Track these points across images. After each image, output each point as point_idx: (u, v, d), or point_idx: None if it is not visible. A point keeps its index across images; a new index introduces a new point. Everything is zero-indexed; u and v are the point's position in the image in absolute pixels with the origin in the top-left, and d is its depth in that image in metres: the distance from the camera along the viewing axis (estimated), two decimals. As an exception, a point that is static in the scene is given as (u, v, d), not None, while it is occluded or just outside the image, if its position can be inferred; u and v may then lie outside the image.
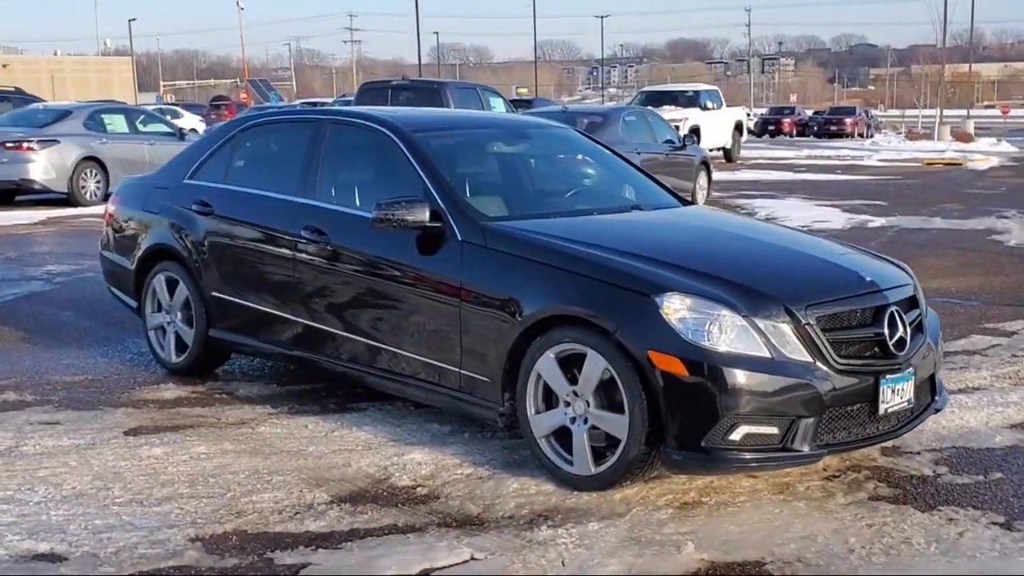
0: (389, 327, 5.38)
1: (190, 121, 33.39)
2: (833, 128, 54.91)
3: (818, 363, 4.35)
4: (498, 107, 17.30)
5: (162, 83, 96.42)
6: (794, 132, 56.03)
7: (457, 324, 5.00)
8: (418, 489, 4.72)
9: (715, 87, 31.94)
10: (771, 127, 55.09)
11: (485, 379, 4.93)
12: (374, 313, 5.44)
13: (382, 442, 5.33)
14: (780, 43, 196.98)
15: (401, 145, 5.53)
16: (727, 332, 4.30)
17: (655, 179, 6.27)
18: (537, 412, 4.76)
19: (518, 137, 6.39)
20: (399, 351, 5.34)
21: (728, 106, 31.50)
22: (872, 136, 52.17)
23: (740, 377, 4.23)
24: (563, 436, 4.69)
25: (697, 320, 4.32)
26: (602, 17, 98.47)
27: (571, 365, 4.61)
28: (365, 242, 5.46)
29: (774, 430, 4.30)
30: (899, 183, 22.57)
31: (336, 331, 5.64)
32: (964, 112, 57.76)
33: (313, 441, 5.35)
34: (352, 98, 32.07)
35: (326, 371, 5.89)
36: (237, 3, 65.15)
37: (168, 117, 24.36)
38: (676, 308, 4.35)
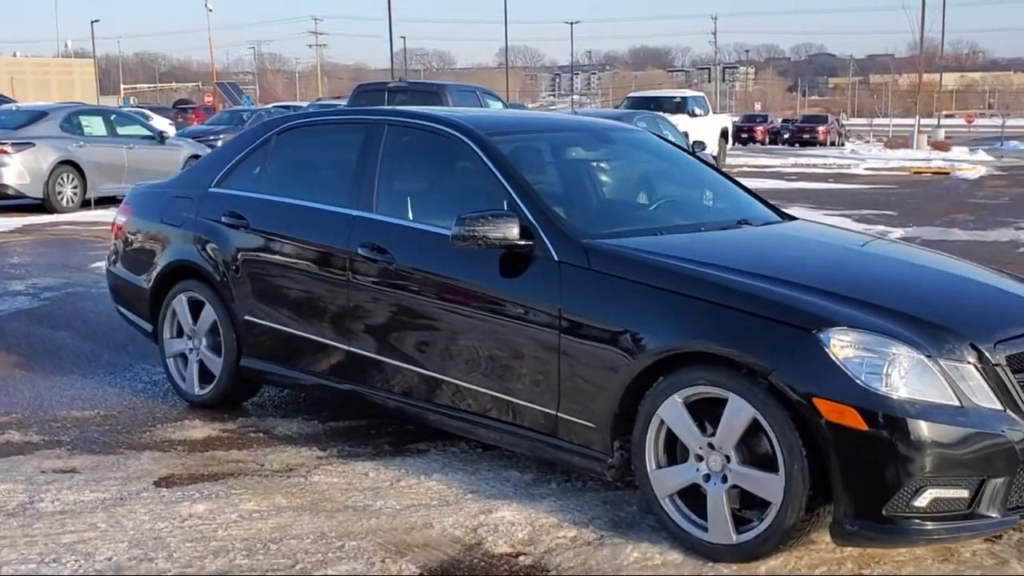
0: (462, 360, 4.64)
1: (160, 124, 32.30)
2: (806, 136, 54.69)
3: (1009, 411, 3.66)
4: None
5: (123, 86, 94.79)
6: (766, 140, 55.77)
7: (554, 359, 4.28)
8: (520, 558, 3.99)
9: (702, 94, 31.40)
10: (744, 135, 54.73)
11: (589, 424, 4.21)
12: (445, 343, 4.70)
13: (460, 495, 4.59)
14: (747, 51, 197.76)
15: (478, 151, 4.80)
16: (908, 375, 3.60)
17: (746, 188, 5.57)
18: (659, 467, 4.05)
19: (600, 141, 5.67)
20: (473, 387, 4.61)
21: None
22: (843, 144, 52.01)
23: (927, 429, 3.53)
24: (692, 495, 3.98)
25: (871, 360, 3.61)
26: (572, 23, 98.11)
27: (704, 411, 3.91)
28: (437, 262, 4.73)
29: (963, 493, 3.61)
30: (897, 192, 22.07)
31: (394, 362, 4.90)
32: (935, 121, 57.75)
33: (379, 494, 4.60)
34: (331, 102, 31.21)
35: (376, 406, 5.14)
36: (206, 4, 63.80)
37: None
38: (845, 346, 3.64)
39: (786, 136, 56.02)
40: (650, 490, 4.06)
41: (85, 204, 16.37)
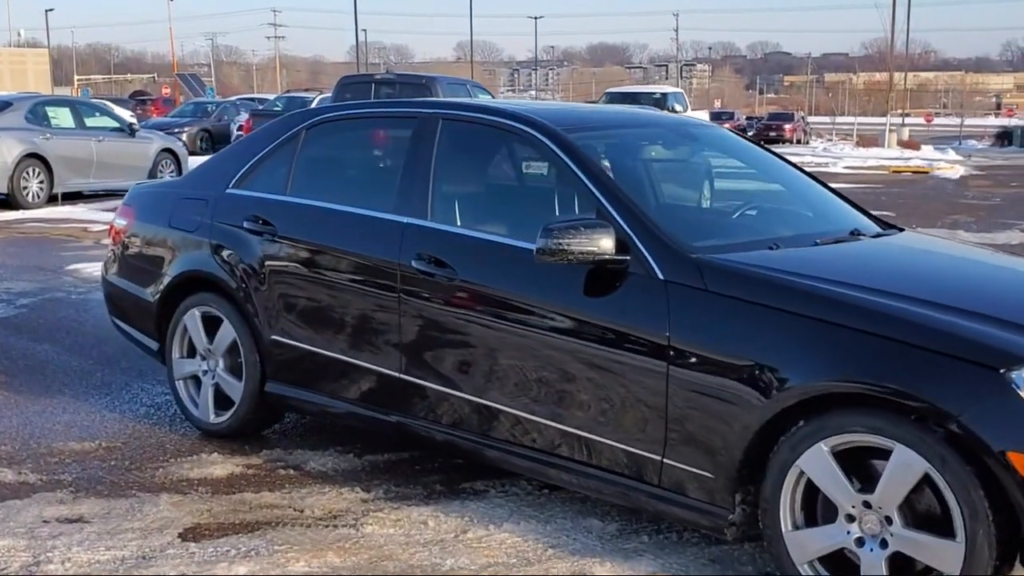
0: (538, 392, 4.00)
1: (123, 116, 31.29)
2: (772, 134, 54.37)
3: None
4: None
5: (76, 77, 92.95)
6: (733, 137, 55.37)
7: (661, 395, 3.64)
8: (635, 636, 3.35)
9: (680, 90, 30.85)
10: (711, 132, 54.27)
11: (704, 474, 3.58)
12: (516, 372, 4.05)
13: (540, 551, 3.94)
14: (709, 48, 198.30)
15: (555, 149, 4.15)
16: (1119, 425, 3.00)
17: (838, 192, 4.96)
18: (796, 527, 3.43)
19: (682, 137, 5.03)
20: (549, 423, 3.98)
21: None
22: (808, 142, 51.78)
23: None
24: (838, 560, 3.36)
25: None
26: (536, 18, 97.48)
27: (852, 462, 3.30)
28: (508, 278, 4.08)
29: None
30: (887, 192, 21.62)
31: (452, 391, 4.26)
32: (899, 120, 57.73)
33: (447, 549, 3.95)
34: (300, 95, 30.27)
35: (421, 438, 4.48)
36: (166, -7, 62.44)
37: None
38: (1042, 390, 3.04)
39: (751, 134, 55.71)
40: (785, 554, 3.44)
41: (52, 199, 15.48)
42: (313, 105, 27.72)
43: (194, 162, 18.40)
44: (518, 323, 4.02)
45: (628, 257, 3.78)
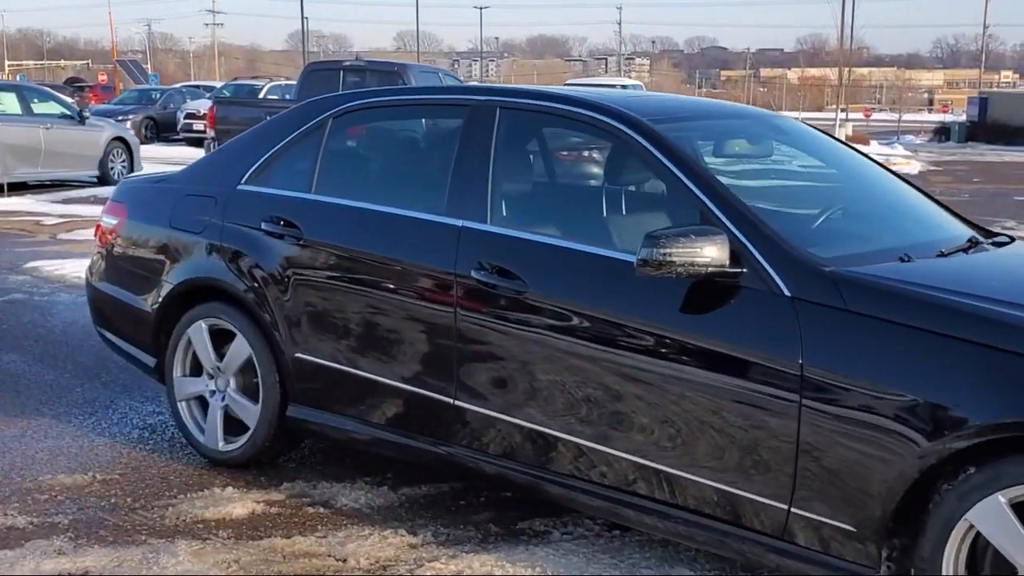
0: (621, 422, 3.45)
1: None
2: (721, 128, 54.27)
3: None
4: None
5: (7, 62, 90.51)
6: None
7: (790, 434, 3.11)
8: None
9: (639, 82, 30.43)
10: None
11: (843, 526, 3.06)
12: (595, 399, 3.51)
13: (635, 610, 3.39)
14: (653, 41, 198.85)
15: (645, 144, 3.59)
16: None
17: (928, 193, 4.47)
18: (963, 590, 2.91)
19: (771, 130, 4.49)
20: (635, 459, 3.44)
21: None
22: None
23: None
24: (1015, 631, 2.85)
25: None
26: (481, 8, 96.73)
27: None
28: (592, 292, 3.52)
29: None
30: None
31: (513, 420, 3.70)
32: (843, 115, 57.96)
33: (527, 610, 3.38)
34: (249, 82, 29.28)
35: (468, 470, 3.93)
36: (106, -23, 60.78)
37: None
38: None
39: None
40: (949, 624, 2.92)
41: (-2, 190, 14.62)
42: (262, 94, 26.91)
43: (145, 152, 17.57)
44: (601, 344, 3.47)
45: (743, 269, 3.24)
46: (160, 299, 4.67)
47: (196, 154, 23.85)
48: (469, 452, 3.87)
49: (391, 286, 3.99)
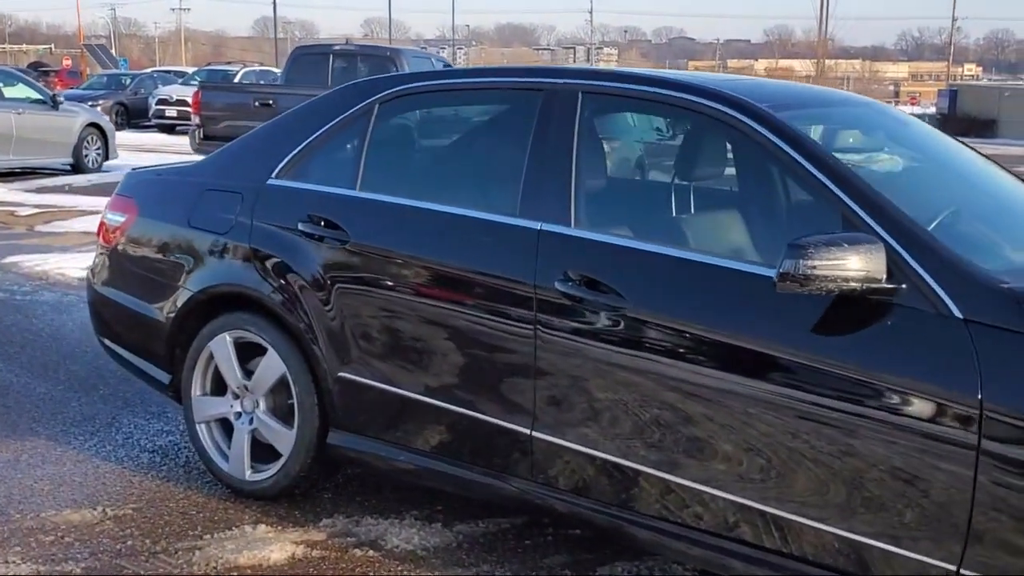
0: (736, 460, 2.95)
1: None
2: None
3: None
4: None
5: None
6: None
7: (963, 481, 2.62)
8: None
9: (623, 71, 29.89)
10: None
11: (1025, 592, 2.57)
12: (706, 436, 3.01)
13: None
14: (625, 31, 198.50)
15: (774, 137, 3.07)
16: None
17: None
18: None
19: (893, 122, 3.98)
20: (757, 505, 2.94)
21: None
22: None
23: None
24: None
25: None
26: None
27: None
28: (710, 310, 3.01)
29: None
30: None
31: (599, 455, 3.19)
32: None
33: None
34: (223, 67, 28.51)
35: (538, 507, 3.42)
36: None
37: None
38: None
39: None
40: None
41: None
42: (237, 79, 26.18)
43: (116, 139, 16.87)
44: (718, 371, 2.96)
45: (901, 285, 2.75)
46: (177, 308, 4.12)
47: (169, 141, 23.17)
48: (544, 489, 3.36)
49: (455, 298, 3.46)
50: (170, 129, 26.09)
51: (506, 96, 3.77)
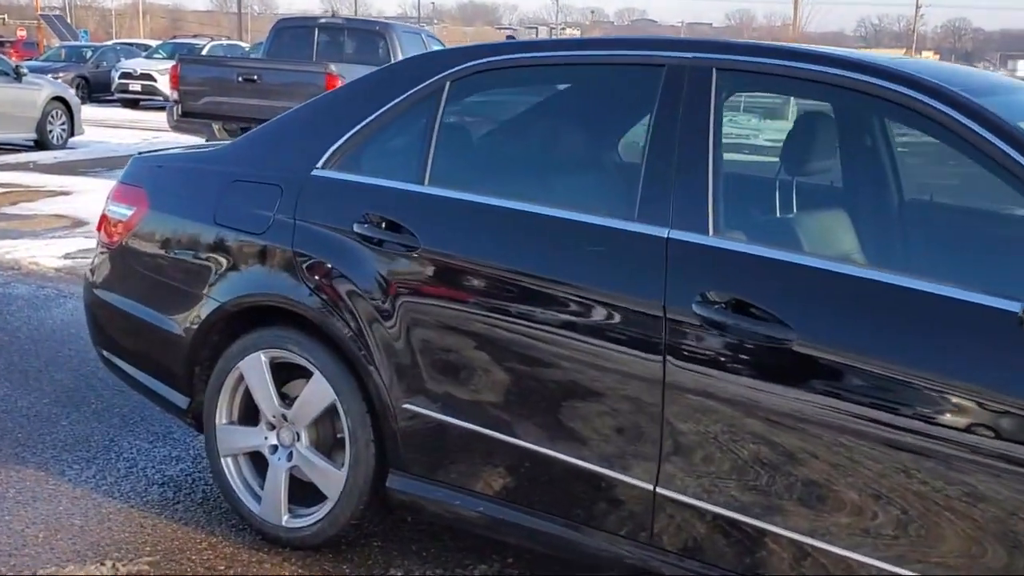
0: (934, 532, 2.36)
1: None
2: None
3: None
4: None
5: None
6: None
7: None
8: None
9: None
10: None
11: None
12: (898, 499, 2.41)
13: None
14: (592, 11, 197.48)
15: (980, 130, 2.46)
16: None
17: None
18: None
19: None
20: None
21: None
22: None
23: None
24: None
25: None
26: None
27: None
28: (912, 348, 2.39)
29: None
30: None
31: (751, 522, 2.59)
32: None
33: None
34: (191, 40, 27.41)
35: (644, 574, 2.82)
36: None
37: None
38: None
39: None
40: None
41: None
42: (204, 53, 25.23)
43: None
44: (925, 422, 2.35)
45: None
46: (200, 320, 3.46)
47: (135, 116, 22.26)
48: (671, 559, 2.75)
49: (551, 321, 2.83)
50: (134, 104, 25.16)
51: (616, 73, 3.12)
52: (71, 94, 15.44)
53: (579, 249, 2.84)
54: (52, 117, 14.82)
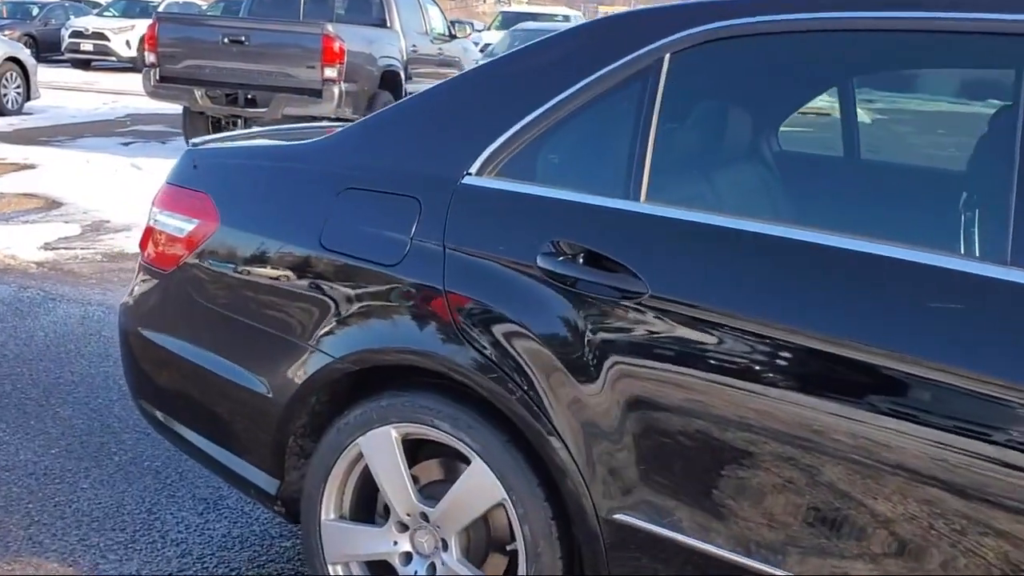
0: None
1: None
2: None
3: None
4: (437, 21, 12.96)
5: None
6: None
7: None
8: None
9: (580, 13, 28.23)
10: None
11: None
12: None
13: None
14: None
15: None
16: None
17: None
18: None
19: None
20: None
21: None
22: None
23: None
24: None
25: None
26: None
27: None
28: None
29: None
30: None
31: None
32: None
33: None
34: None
35: None
36: None
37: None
38: None
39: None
40: None
41: None
42: (161, 9, 23.88)
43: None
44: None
45: None
46: (301, 379, 2.52)
47: (88, 78, 20.92)
48: None
49: (878, 410, 1.93)
50: (85, 64, 23.77)
51: (933, 45, 2.21)
52: (27, 54, 14.16)
53: (912, 303, 1.94)
54: (6, 80, 13.60)
